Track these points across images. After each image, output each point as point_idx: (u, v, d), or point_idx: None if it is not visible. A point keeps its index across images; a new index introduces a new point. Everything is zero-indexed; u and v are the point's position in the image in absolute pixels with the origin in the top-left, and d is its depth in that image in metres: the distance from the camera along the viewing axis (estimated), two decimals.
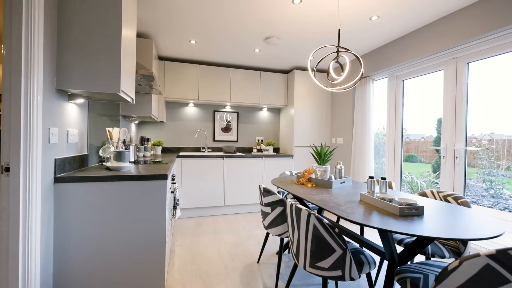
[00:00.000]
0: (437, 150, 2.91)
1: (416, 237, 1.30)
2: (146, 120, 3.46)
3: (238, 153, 3.90)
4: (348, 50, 1.97)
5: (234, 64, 4.00)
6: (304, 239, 1.34)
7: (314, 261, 1.32)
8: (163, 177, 1.63)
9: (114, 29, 1.50)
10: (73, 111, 1.67)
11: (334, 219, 3.43)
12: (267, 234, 2.18)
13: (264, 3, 2.24)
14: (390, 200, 1.42)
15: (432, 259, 1.66)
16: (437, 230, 1.11)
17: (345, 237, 1.90)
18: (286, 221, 1.80)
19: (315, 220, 1.27)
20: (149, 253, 1.61)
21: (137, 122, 3.76)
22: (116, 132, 1.94)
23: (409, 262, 1.60)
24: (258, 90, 4.08)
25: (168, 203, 1.79)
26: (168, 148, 4.03)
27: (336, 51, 2.03)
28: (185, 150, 4.12)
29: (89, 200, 1.50)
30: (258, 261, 2.23)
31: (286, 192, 2.57)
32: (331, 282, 1.88)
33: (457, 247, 1.57)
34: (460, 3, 2.19)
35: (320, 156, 2.19)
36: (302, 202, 2.11)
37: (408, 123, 3.07)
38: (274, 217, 1.85)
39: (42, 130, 1.30)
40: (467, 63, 2.36)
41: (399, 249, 2.34)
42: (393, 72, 3.12)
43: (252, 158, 3.72)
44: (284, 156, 3.91)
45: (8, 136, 1.18)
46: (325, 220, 1.26)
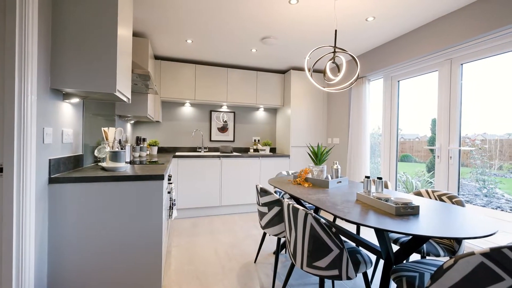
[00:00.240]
0: (432, 150, 2.94)
1: (411, 236, 1.31)
2: (142, 120, 3.43)
3: (234, 153, 3.90)
4: (345, 50, 1.99)
5: (230, 64, 4.00)
6: (301, 238, 1.35)
7: (311, 261, 1.32)
8: (159, 177, 1.62)
9: (110, 28, 1.49)
10: (68, 111, 1.65)
11: (330, 218, 3.45)
12: (264, 234, 2.18)
13: (261, 3, 2.24)
14: (386, 200, 1.43)
15: (427, 257, 1.69)
16: (433, 229, 1.12)
17: (342, 237, 1.92)
18: (283, 221, 1.80)
19: (312, 219, 1.27)
20: (146, 253, 1.60)
21: (133, 122, 3.73)
22: (111, 132, 1.92)
23: (405, 261, 1.61)
24: (254, 90, 4.08)
25: (164, 203, 1.78)
26: (164, 148, 4.01)
27: (332, 52, 2.04)
28: (181, 150, 4.10)
29: (85, 201, 1.48)
30: (255, 261, 2.23)
31: (283, 192, 2.58)
32: (327, 281, 1.89)
33: (451, 246, 1.59)
34: (454, 5, 2.22)
35: (316, 156, 2.20)
36: (299, 202, 2.12)
37: (403, 123, 3.11)
38: (271, 217, 1.85)
39: (36, 130, 1.29)
40: (461, 64, 2.39)
41: (395, 248, 2.36)
42: (388, 72, 3.15)
43: (248, 158, 3.72)
44: (281, 156, 3.91)
45: (1, 136, 1.16)
46: (322, 220, 1.26)
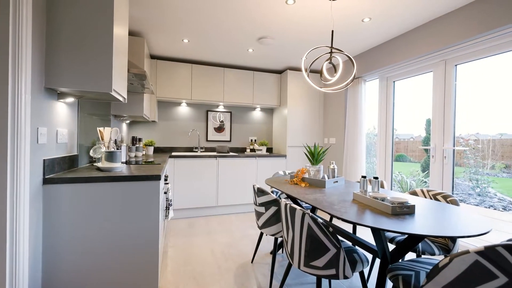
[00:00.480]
0: (426, 150, 2.98)
1: (407, 235, 1.33)
2: (137, 119, 3.41)
3: (231, 153, 3.89)
4: (341, 51, 2.00)
5: (227, 64, 3.99)
6: (298, 238, 1.35)
7: (309, 260, 1.33)
8: (156, 177, 1.60)
9: (106, 27, 1.47)
10: (62, 111, 1.63)
11: (327, 218, 3.46)
12: (261, 234, 2.18)
13: (257, 3, 2.24)
14: (382, 199, 1.45)
15: (422, 256, 1.70)
16: (428, 228, 1.14)
17: (338, 236, 1.93)
18: (281, 221, 1.80)
19: (310, 219, 1.28)
20: (142, 254, 1.59)
21: (128, 121, 3.69)
22: (107, 132, 1.90)
23: (400, 260, 1.63)
24: (251, 90, 4.08)
25: (161, 204, 1.76)
26: (160, 148, 3.98)
27: (329, 52, 2.05)
28: (177, 150, 4.08)
29: (80, 202, 1.46)
30: (252, 261, 2.23)
31: (280, 192, 2.58)
32: (324, 280, 1.90)
33: (446, 244, 1.62)
34: (449, 6, 2.25)
35: (313, 156, 2.21)
36: (296, 202, 2.13)
37: (397, 123, 3.14)
38: (268, 217, 1.86)
39: (30, 130, 1.27)
40: (455, 65, 2.43)
41: (391, 247, 2.38)
42: (384, 73, 3.17)
43: (245, 158, 3.72)
44: (278, 156, 3.92)
45: None
46: (319, 220, 1.27)
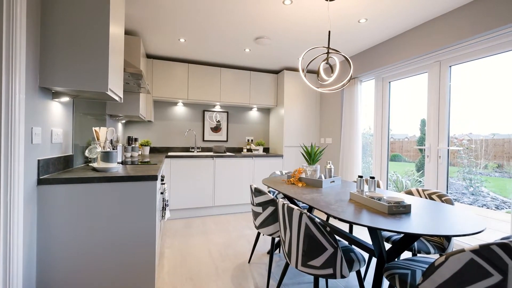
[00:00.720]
0: (421, 150, 3.02)
1: (403, 234, 1.34)
2: (133, 119, 3.38)
3: (228, 153, 3.88)
4: (338, 51, 2.01)
5: (224, 64, 3.98)
6: (296, 238, 1.36)
7: (306, 260, 1.33)
8: (153, 178, 1.59)
9: (102, 25, 1.45)
10: (57, 110, 1.60)
11: (323, 217, 3.48)
12: (258, 234, 2.18)
13: (254, 3, 2.24)
14: (379, 199, 1.46)
15: (418, 255, 1.72)
16: (424, 227, 1.15)
17: (335, 236, 1.94)
18: (278, 221, 1.81)
19: (307, 219, 1.28)
20: (139, 255, 1.58)
21: (124, 121, 3.66)
22: (103, 132, 1.89)
23: (396, 259, 1.65)
24: (248, 90, 4.08)
25: (158, 204, 1.75)
26: (156, 148, 3.96)
27: (326, 53, 2.06)
28: (174, 150, 4.06)
29: (75, 202, 1.45)
30: (249, 261, 2.23)
31: (277, 192, 2.59)
32: (321, 280, 1.91)
33: (441, 243, 1.64)
34: (443, 8, 2.28)
35: (310, 156, 2.22)
36: (292, 201, 2.13)
37: (392, 123, 3.17)
38: (266, 217, 1.86)
39: (24, 130, 1.25)
40: (450, 66, 2.46)
41: (387, 246, 2.41)
42: (380, 73, 3.20)
43: (242, 158, 3.72)
44: (274, 156, 3.93)
45: None
46: (317, 219, 1.28)
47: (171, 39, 3.04)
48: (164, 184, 2.43)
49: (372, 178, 1.66)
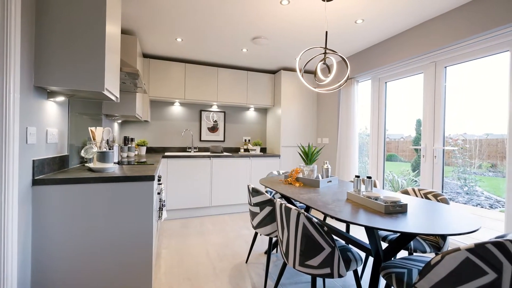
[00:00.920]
0: (416, 150, 3.04)
1: (400, 234, 1.35)
2: (129, 119, 3.35)
3: (225, 153, 3.88)
4: (335, 52, 2.02)
5: (221, 64, 3.97)
6: (293, 238, 1.36)
7: (304, 260, 1.33)
8: (150, 178, 1.58)
9: (98, 24, 1.44)
10: (52, 110, 1.59)
11: (320, 217, 3.50)
12: (256, 234, 2.18)
13: (252, 3, 2.24)
14: (375, 198, 1.47)
15: (414, 254, 1.74)
16: (420, 227, 1.16)
17: (333, 235, 1.95)
18: (275, 221, 1.81)
19: (305, 219, 1.29)
20: (136, 255, 1.56)
21: (120, 121, 3.63)
22: (99, 132, 1.87)
23: (393, 258, 1.66)
24: (245, 90, 4.07)
25: (154, 204, 1.74)
26: (153, 148, 3.93)
27: (323, 53, 2.06)
28: (170, 150, 4.04)
29: (71, 203, 1.43)
30: (246, 261, 2.23)
31: (274, 192, 2.59)
32: (319, 280, 1.92)
33: (437, 242, 1.65)
34: (439, 9, 2.30)
35: (307, 156, 2.23)
36: (290, 201, 2.14)
37: (388, 123, 3.19)
38: (263, 217, 1.86)
39: (19, 130, 1.23)
40: (445, 67, 2.49)
41: (384, 245, 2.43)
42: (376, 74, 3.22)
43: (239, 158, 3.71)
44: (271, 156, 3.93)
45: None
46: (314, 219, 1.28)
47: (168, 38, 3.03)
48: (161, 184, 2.42)
49: (369, 178, 1.67)
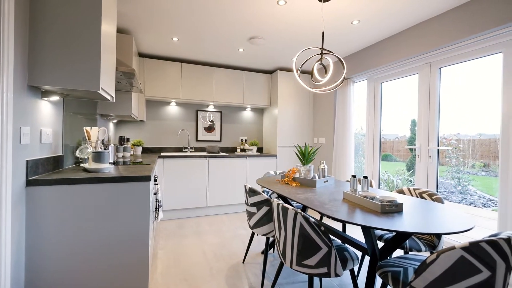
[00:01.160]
0: (411, 150, 3.08)
1: (396, 233, 1.36)
2: (125, 119, 3.32)
3: (221, 153, 3.87)
4: (331, 52, 2.03)
5: (217, 63, 3.96)
6: (290, 238, 1.36)
7: (301, 259, 1.34)
8: (146, 178, 1.57)
9: (93, 23, 1.43)
10: (46, 109, 1.56)
11: (317, 217, 3.51)
12: (252, 234, 2.18)
13: (249, 3, 2.24)
14: (372, 198, 1.48)
15: (409, 253, 1.76)
16: (416, 226, 1.17)
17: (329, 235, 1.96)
18: (272, 221, 1.81)
19: (302, 219, 1.29)
20: (132, 256, 1.55)
21: (116, 121, 3.60)
22: (94, 132, 1.85)
23: (388, 257, 1.68)
24: (241, 90, 4.07)
25: (151, 205, 1.73)
26: (148, 148, 3.91)
27: (320, 53, 2.07)
28: (166, 150, 4.01)
29: (66, 204, 1.41)
30: (243, 261, 2.23)
31: (271, 192, 2.59)
32: (315, 279, 1.93)
33: (432, 241, 1.68)
34: (434, 11, 2.33)
35: (304, 156, 2.24)
36: (286, 201, 2.14)
37: (383, 123, 3.22)
38: (260, 217, 1.86)
39: (12, 130, 1.21)
40: (439, 68, 2.52)
41: (380, 244, 2.44)
42: (372, 74, 3.25)
43: (236, 158, 3.71)
44: (268, 156, 3.93)
45: None
46: (311, 219, 1.29)
47: (164, 38, 3.01)
48: (157, 184, 2.40)
49: (365, 177, 1.69)
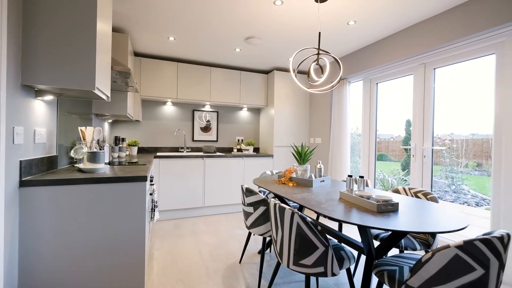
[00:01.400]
0: (406, 149, 3.11)
1: (392, 232, 1.38)
2: (120, 119, 3.29)
3: (218, 153, 3.86)
4: (328, 52, 2.04)
5: (214, 63, 3.95)
6: (287, 237, 1.37)
7: (298, 259, 1.34)
8: (142, 178, 1.56)
9: (89, 22, 1.41)
10: (40, 109, 1.54)
11: (313, 216, 3.52)
12: (249, 234, 2.18)
13: (246, 3, 2.24)
14: (368, 198, 1.49)
15: (405, 251, 1.78)
16: (411, 225, 1.19)
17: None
18: (269, 221, 1.81)
19: (299, 218, 1.30)
20: (128, 257, 1.54)
21: (111, 121, 3.56)
22: (89, 132, 1.83)
23: (384, 256, 1.69)
24: (238, 90, 4.07)
25: (147, 205, 1.72)
26: (144, 148, 3.88)
27: (316, 54, 2.08)
28: (162, 150, 3.99)
29: (60, 205, 1.39)
30: (240, 261, 2.22)
31: (267, 192, 2.60)
32: (312, 278, 1.94)
33: (426, 240, 1.70)
34: (429, 12, 2.36)
35: (300, 156, 2.24)
36: (283, 201, 2.15)
37: (379, 123, 3.25)
38: (257, 217, 1.86)
39: (5, 130, 1.19)
40: (434, 69, 2.55)
41: (375, 243, 2.47)
42: (368, 75, 3.28)
43: (232, 158, 3.70)
44: (265, 155, 3.94)
45: None
46: (308, 219, 1.29)
47: (160, 37, 2.99)
48: (153, 185, 2.39)
49: (362, 177, 1.70)
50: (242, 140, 4.46)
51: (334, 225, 3.12)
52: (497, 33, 2.01)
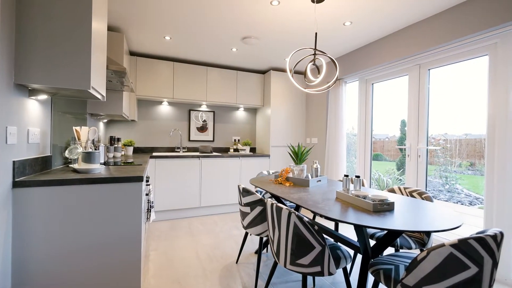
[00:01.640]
0: (401, 149, 3.14)
1: (387, 231, 1.39)
2: (115, 118, 3.26)
3: (214, 153, 3.85)
4: (324, 53, 2.05)
5: (210, 63, 3.94)
6: (284, 237, 1.37)
7: (294, 259, 1.35)
8: (138, 179, 1.55)
9: (84, 20, 1.39)
10: (34, 108, 1.52)
11: (310, 216, 3.54)
12: (246, 234, 2.18)
13: (242, 3, 2.24)
14: (364, 197, 1.50)
15: (400, 250, 1.80)
16: (406, 224, 1.20)
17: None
18: (266, 221, 1.82)
19: (296, 218, 1.30)
20: (123, 259, 1.52)
21: (106, 120, 3.53)
22: (84, 132, 1.81)
23: (380, 255, 1.71)
24: (234, 89, 4.06)
25: (143, 206, 1.71)
26: (140, 148, 3.85)
27: (312, 54, 2.09)
28: (158, 150, 3.96)
29: (55, 206, 1.37)
30: (237, 261, 2.22)
31: (264, 192, 2.60)
32: (309, 277, 1.94)
33: (421, 239, 1.71)
34: (424, 13, 2.39)
35: (297, 156, 2.25)
36: (280, 201, 2.15)
37: (374, 123, 3.28)
38: (254, 217, 1.86)
39: None
40: (429, 70, 2.58)
41: (371, 243, 2.48)
42: (363, 75, 3.30)
43: (229, 158, 3.70)
44: (261, 155, 3.94)
45: None
46: (305, 218, 1.29)
47: (156, 36, 2.97)
48: (149, 185, 2.37)
49: (358, 177, 1.71)
50: (238, 140, 4.46)
51: (331, 225, 3.14)
52: (489, 35, 2.05)
